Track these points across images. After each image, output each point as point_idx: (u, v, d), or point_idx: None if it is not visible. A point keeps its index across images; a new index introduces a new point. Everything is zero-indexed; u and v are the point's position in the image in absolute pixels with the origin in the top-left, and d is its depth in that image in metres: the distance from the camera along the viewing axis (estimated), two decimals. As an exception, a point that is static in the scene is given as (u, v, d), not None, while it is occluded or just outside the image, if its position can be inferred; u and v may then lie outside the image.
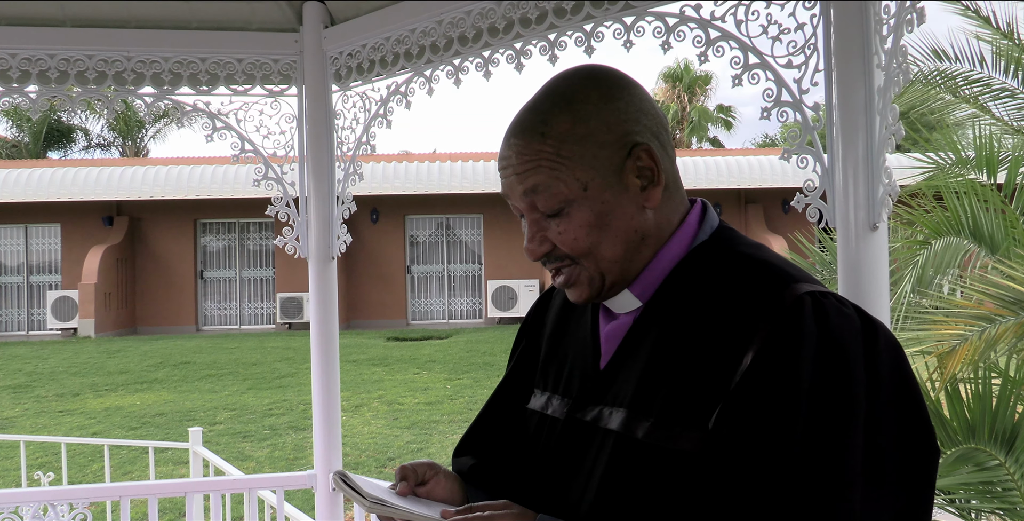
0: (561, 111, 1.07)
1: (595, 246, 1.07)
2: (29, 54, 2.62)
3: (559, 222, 1.08)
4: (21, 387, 11.61)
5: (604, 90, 1.09)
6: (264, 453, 7.88)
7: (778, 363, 0.94)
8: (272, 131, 2.82)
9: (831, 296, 1.00)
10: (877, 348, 0.97)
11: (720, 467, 0.94)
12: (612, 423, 1.06)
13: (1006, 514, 2.80)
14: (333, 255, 2.83)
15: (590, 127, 1.06)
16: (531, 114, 1.10)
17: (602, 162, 1.06)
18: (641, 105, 1.10)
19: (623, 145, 1.07)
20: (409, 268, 18.85)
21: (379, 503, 1.04)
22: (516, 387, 1.29)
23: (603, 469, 1.05)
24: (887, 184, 1.57)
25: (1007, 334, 3.35)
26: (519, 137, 1.09)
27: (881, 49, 1.57)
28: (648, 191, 1.08)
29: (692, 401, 0.99)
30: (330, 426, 2.84)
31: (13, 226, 18.45)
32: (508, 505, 1.04)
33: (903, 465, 0.96)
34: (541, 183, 1.07)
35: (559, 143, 1.06)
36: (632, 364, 1.07)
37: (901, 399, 0.97)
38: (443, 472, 1.19)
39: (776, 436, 0.92)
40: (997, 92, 4.89)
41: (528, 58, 2.19)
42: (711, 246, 1.10)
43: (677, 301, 1.07)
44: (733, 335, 0.98)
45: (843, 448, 0.92)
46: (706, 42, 1.79)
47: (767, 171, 17.53)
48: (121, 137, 27.92)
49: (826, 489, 0.91)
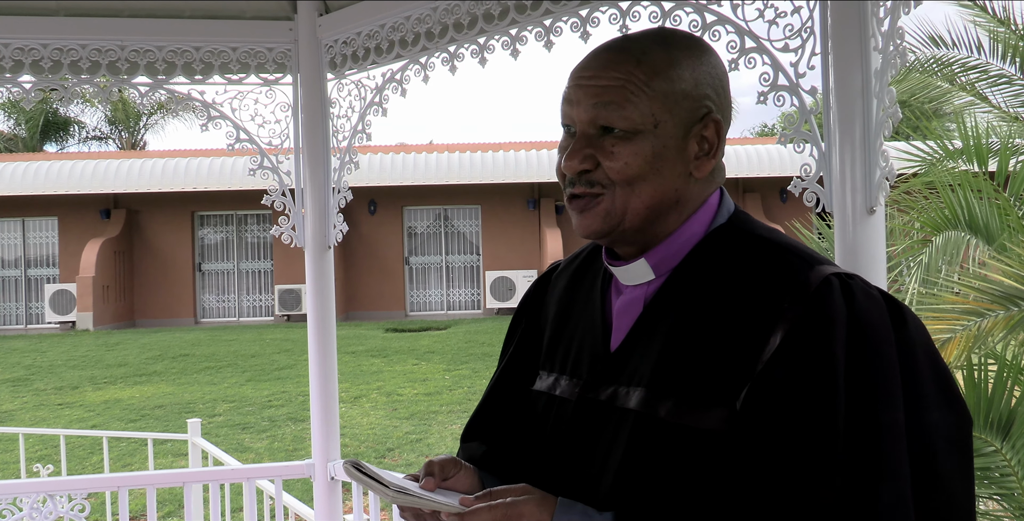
0: (661, 49, 1.07)
1: (638, 180, 1.06)
2: (22, 44, 2.61)
3: (616, 143, 1.05)
4: (20, 380, 11.62)
5: (700, 51, 1.10)
6: (263, 444, 7.89)
7: (810, 343, 0.94)
8: (267, 120, 2.81)
9: (857, 278, 1.01)
10: (906, 328, 0.98)
11: (752, 446, 0.94)
12: (630, 402, 1.05)
13: (1003, 499, 2.81)
14: (329, 244, 2.82)
15: (682, 75, 1.07)
16: (630, 41, 1.09)
17: (679, 112, 1.06)
18: (723, 82, 1.11)
19: (699, 107, 1.08)
20: (407, 259, 18.85)
21: (402, 492, 1.02)
22: (519, 370, 1.28)
23: (623, 449, 1.04)
24: (884, 167, 1.57)
25: (997, 327, 3.35)
26: (614, 53, 1.08)
27: (878, 32, 1.56)
28: (702, 161, 1.09)
29: (715, 380, 0.98)
30: (328, 414, 2.84)
31: (10, 219, 18.42)
32: (528, 489, 1.03)
33: (942, 440, 0.96)
34: (618, 101, 1.05)
35: (652, 74, 1.06)
36: (649, 343, 1.06)
37: (934, 377, 0.98)
38: (464, 467, 1.17)
39: (814, 415, 0.92)
40: (995, 78, 4.88)
41: (524, 44, 2.18)
42: (729, 228, 1.10)
43: (697, 280, 1.06)
44: (758, 315, 0.98)
45: (886, 427, 0.92)
46: (702, 26, 1.78)
47: (765, 160, 17.52)
48: (118, 129, 27.86)
49: (873, 468, 0.91)
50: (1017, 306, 3.30)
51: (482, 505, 0.99)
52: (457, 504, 1.01)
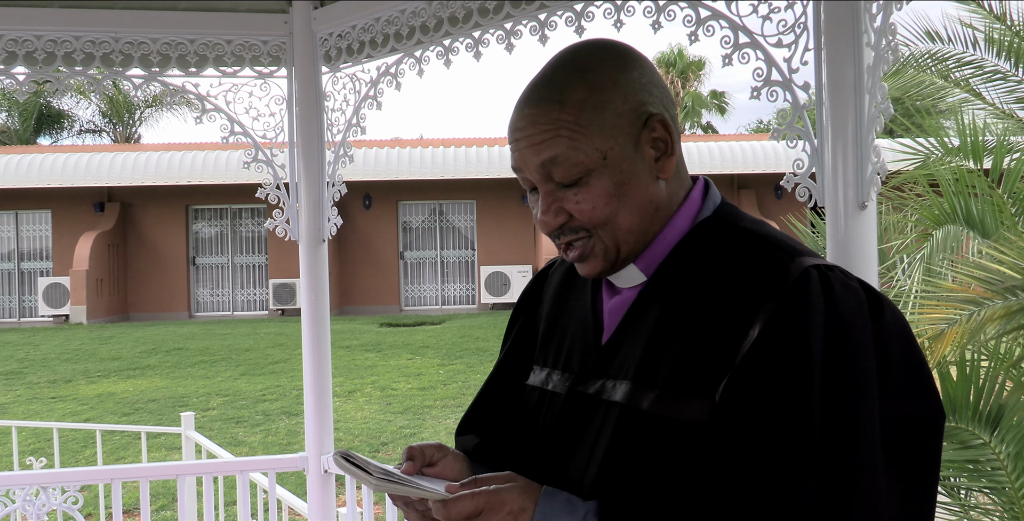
0: (577, 81, 1.06)
1: (613, 216, 1.07)
2: (15, 35, 2.60)
3: (577, 191, 1.06)
4: (13, 373, 11.59)
5: (618, 61, 1.08)
6: (257, 438, 7.90)
7: (787, 335, 0.95)
8: (261, 113, 2.81)
9: (836, 269, 1.01)
10: (884, 320, 0.99)
11: (729, 438, 0.95)
12: (616, 395, 1.06)
13: (993, 493, 2.83)
14: (324, 238, 2.82)
15: (607, 96, 1.06)
16: (545, 84, 1.08)
17: (620, 131, 1.06)
18: (652, 77, 1.10)
19: (639, 115, 1.07)
20: (402, 254, 18.83)
21: (385, 479, 1.03)
22: (515, 364, 1.29)
23: (607, 441, 1.05)
24: (876, 163, 1.57)
25: (995, 317, 3.37)
26: (535, 106, 1.07)
27: (871, 28, 1.57)
28: (662, 162, 1.08)
29: (698, 372, 0.99)
30: (322, 407, 2.84)
31: (3, 212, 18.35)
32: (512, 477, 1.04)
33: (913, 433, 0.97)
34: (560, 153, 1.05)
35: (577, 111, 1.05)
36: (635, 337, 1.07)
37: (908, 369, 0.98)
38: (451, 453, 1.18)
39: (790, 406, 0.93)
40: (989, 74, 4.89)
41: (518, 39, 2.18)
42: (714, 222, 1.10)
43: (681, 275, 1.07)
44: (739, 307, 0.99)
45: (861, 417, 0.93)
46: (696, 21, 1.79)
47: (760, 156, 17.53)
48: (111, 122, 27.77)
49: (847, 459, 0.92)
50: (1015, 296, 3.32)
51: (465, 492, 1.00)
52: (443, 491, 1.01)
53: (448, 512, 0.99)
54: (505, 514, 0.99)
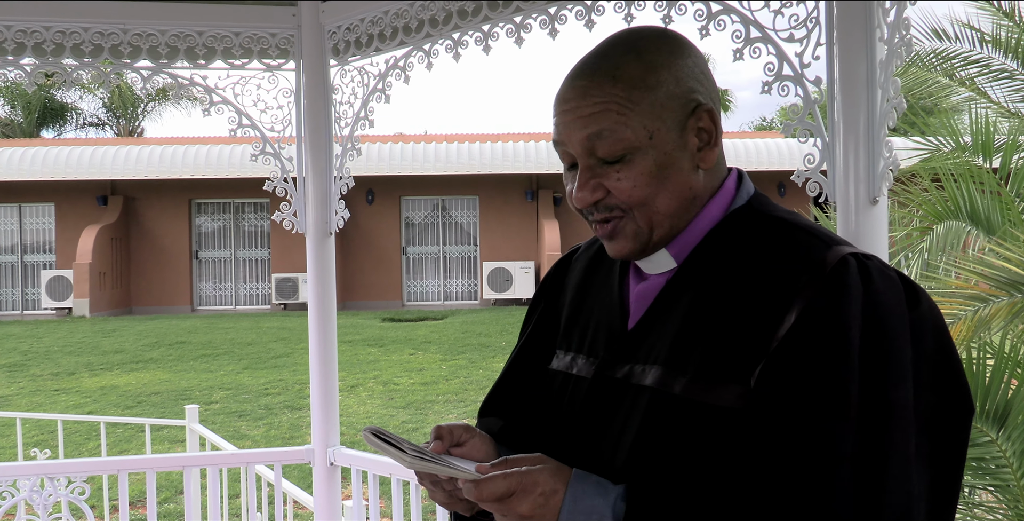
0: (633, 59, 1.07)
1: (652, 197, 1.06)
2: (24, 26, 2.60)
3: (619, 168, 1.06)
4: (16, 366, 11.62)
5: (673, 47, 1.09)
6: (260, 432, 7.91)
7: (825, 321, 0.95)
8: (269, 106, 2.80)
9: (875, 258, 1.02)
10: (920, 310, 0.99)
11: (764, 422, 0.95)
12: (646, 380, 1.06)
13: (998, 491, 2.83)
14: (331, 230, 2.82)
15: (660, 77, 1.06)
16: (600, 58, 1.08)
17: (669, 114, 1.06)
18: (704, 68, 1.10)
19: (687, 102, 1.07)
20: (404, 249, 18.84)
21: (419, 457, 1.03)
22: (536, 349, 1.29)
23: (638, 425, 1.05)
24: (888, 158, 1.57)
25: (1000, 313, 3.37)
26: (587, 79, 1.07)
27: (884, 22, 1.57)
28: (704, 152, 1.09)
29: (731, 357, 1.00)
30: (328, 400, 2.85)
31: (7, 205, 18.37)
32: (543, 459, 1.03)
33: (943, 424, 0.98)
34: (607, 127, 1.05)
35: (630, 87, 1.05)
36: (665, 322, 1.07)
37: (941, 360, 0.99)
38: (479, 435, 1.17)
39: (827, 392, 0.93)
40: (995, 73, 4.87)
41: (528, 32, 2.18)
42: (748, 211, 1.11)
43: (714, 261, 1.07)
44: (774, 293, 0.99)
45: (896, 405, 0.93)
46: (707, 15, 1.78)
47: (764, 154, 17.52)
48: (115, 116, 27.77)
49: (882, 446, 0.92)
50: (1021, 292, 3.32)
51: (497, 473, 0.99)
52: (473, 471, 1.01)
53: (480, 492, 0.98)
54: (537, 495, 0.99)
